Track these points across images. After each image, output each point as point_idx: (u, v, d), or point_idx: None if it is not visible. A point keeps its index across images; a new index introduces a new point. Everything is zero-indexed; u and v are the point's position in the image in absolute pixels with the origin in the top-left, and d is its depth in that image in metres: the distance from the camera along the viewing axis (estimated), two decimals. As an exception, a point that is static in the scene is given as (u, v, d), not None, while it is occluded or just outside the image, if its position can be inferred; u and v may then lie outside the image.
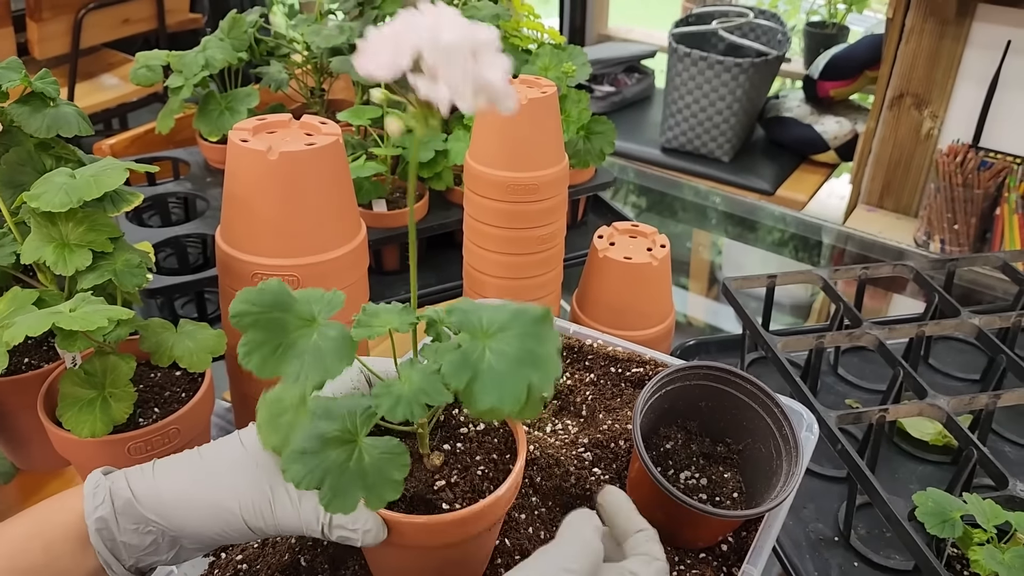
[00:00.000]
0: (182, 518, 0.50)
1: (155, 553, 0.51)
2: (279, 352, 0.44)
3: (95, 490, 0.50)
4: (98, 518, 0.49)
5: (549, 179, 0.87)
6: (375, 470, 0.45)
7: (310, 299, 0.48)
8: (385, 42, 0.40)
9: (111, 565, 0.50)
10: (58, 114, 0.74)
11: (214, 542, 0.52)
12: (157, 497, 0.50)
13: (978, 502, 0.64)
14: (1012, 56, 1.77)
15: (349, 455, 0.45)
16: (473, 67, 0.40)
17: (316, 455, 0.44)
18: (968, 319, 0.90)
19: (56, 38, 2.24)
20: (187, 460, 0.53)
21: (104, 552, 0.49)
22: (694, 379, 0.65)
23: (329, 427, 0.46)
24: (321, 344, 0.45)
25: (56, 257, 0.65)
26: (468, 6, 1.18)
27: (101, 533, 0.49)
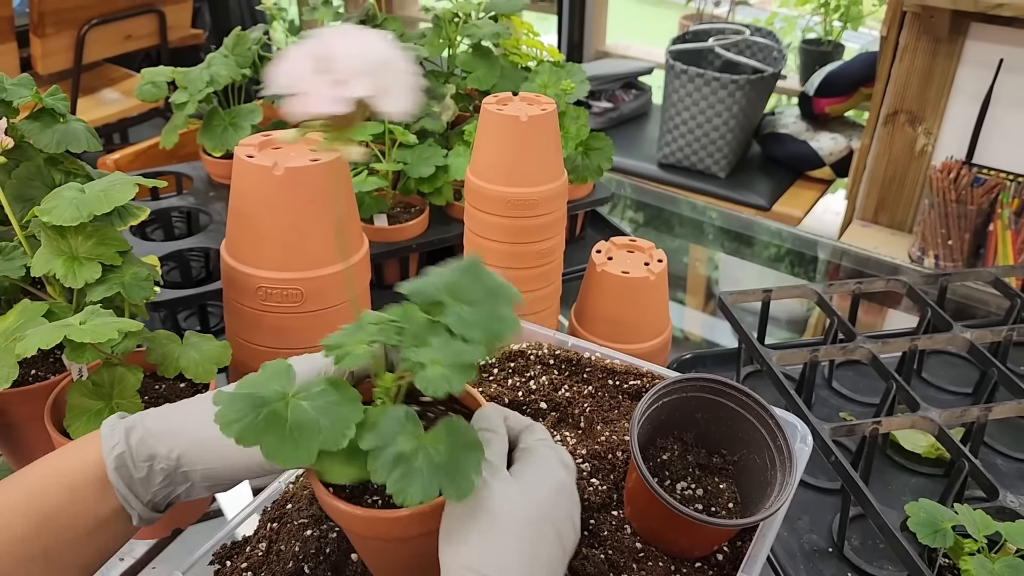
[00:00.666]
0: (195, 454, 0.52)
1: (169, 488, 0.53)
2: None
3: (111, 431, 0.52)
4: (116, 456, 0.51)
5: (548, 194, 0.89)
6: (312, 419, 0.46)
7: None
8: (318, 78, 0.40)
9: (129, 501, 0.52)
10: (68, 130, 0.76)
11: (223, 480, 0.54)
12: (171, 434, 0.53)
13: (969, 513, 0.65)
14: (1004, 74, 1.79)
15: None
16: (409, 76, 0.42)
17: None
18: (960, 333, 0.92)
19: (59, 53, 2.27)
20: (200, 400, 0.55)
21: (123, 488, 0.51)
22: (690, 391, 0.67)
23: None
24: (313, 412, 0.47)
25: (66, 270, 0.67)
26: (469, 24, 1.20)
27: (119, 471, 0.51)
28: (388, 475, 0.45)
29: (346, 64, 0.41)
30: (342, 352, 0.47)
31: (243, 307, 0.79)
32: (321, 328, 0.79)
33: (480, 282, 0.52)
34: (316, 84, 0.41)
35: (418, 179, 1.11)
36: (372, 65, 0.41)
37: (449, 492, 0.46)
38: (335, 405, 0.47)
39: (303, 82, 0.41)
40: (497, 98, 0.90)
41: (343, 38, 0.42)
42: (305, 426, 0.45)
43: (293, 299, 0.78)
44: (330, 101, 0.40)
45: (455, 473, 0.47)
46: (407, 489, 0.45)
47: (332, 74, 0.41)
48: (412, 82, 0.43)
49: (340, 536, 0.62)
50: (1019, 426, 0.97)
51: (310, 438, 0.45)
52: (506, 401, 0.75)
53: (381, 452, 0.46)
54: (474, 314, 0.50)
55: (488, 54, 1.22)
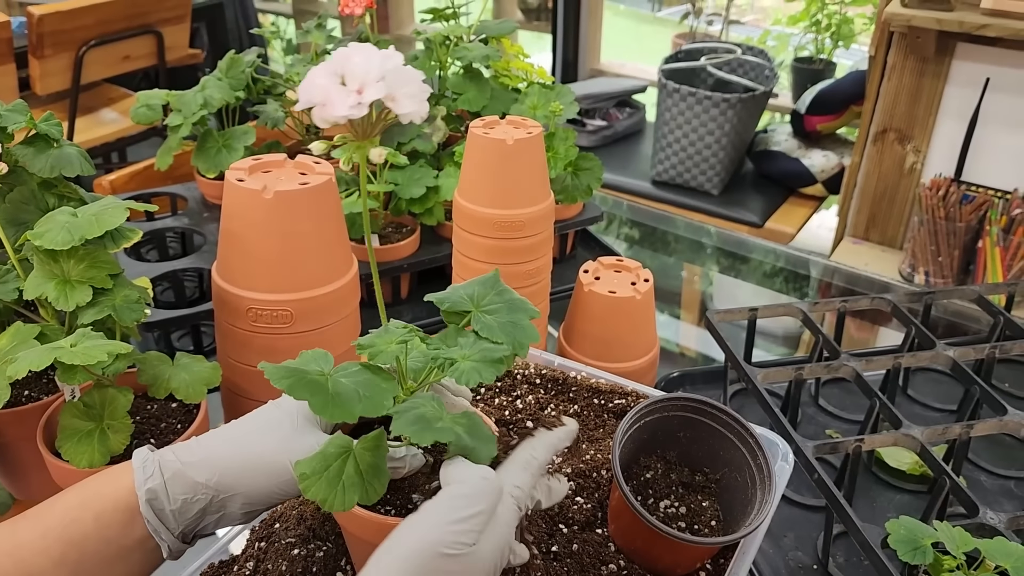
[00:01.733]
0: (236, 478, 0.54)
1: (201, 518, 0.54)
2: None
3: (144, 464, 0.54)
4: (148, 489, 0.53)
5: (535, 216, 0.90)
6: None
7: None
8: (338, 89, 0.46)
9: (160, 533, 0.53)
10: (61, 155, 0.77)
11: (266, 501, 0.55)
12: (208, 462, 0.54)
13: (948, 530, 0.66)
14: (991, 93, 1.81)
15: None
16: (418, 82, 0.48)
17: None
18: (943, 351, 0.93)
19: (57, 74, 2.29)
20: (230, 428, 0.57)
21: (153, 520, 0.53)
22: (672, 410, 0.68)
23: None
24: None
25: (58, 293, 0.68)
26: (460, 47, 1.22)
27: (152, 503, 0.53)
28: (409, 427, 0.49)
29: (361, 73, 0.46)
30: (375, 351, 0.52)
31: (234, 328, 0.80)
32: (312, 348, 0.81)
33: (500, 295, 0.58)
34: (337, 94, 0.46)
35: (409, 200, 1.12)
36: (383, 72, 0.46)
37: (471, 451, 0.50)
38: (372, 382, 0.51)
39: (326, 94, 0.46)
40: (484, 121, 0.92)
41: (356, 53, 0.47)
42: (345, 394, 0.49)
43: (283, 320, 0.79)
44: (350, 107, 0.46)
45: (474, 441, 0.51)
46: (423, 434, 0.48)
47: (350, 84, 0.46)
48: (420, 87, 0.48)
49: (326, 556, 0.63)
50: (1004, 443, 0.98)
51: (352, 402, 0.49)
52: (493, 420, 0.76)
53: (406, 413, 0.50)
54: (496, 322, 0.55)
55: (479, 76, 1.24)
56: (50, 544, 0.51)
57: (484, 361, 0.51)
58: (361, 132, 0.49)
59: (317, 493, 0.47)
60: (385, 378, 0.51)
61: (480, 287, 0.58)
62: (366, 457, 0.49)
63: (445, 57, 1.24)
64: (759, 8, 4.43)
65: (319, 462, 0.48)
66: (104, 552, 0.52)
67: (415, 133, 1.16)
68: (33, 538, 0.51)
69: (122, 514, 0.52)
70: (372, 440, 0.50)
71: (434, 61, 1.24)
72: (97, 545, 0.52)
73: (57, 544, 0.51)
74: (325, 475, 0.48)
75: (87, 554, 0.51)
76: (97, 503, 0.53)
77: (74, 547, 0.51)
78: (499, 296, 0.58)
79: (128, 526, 0.53)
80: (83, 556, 0.51)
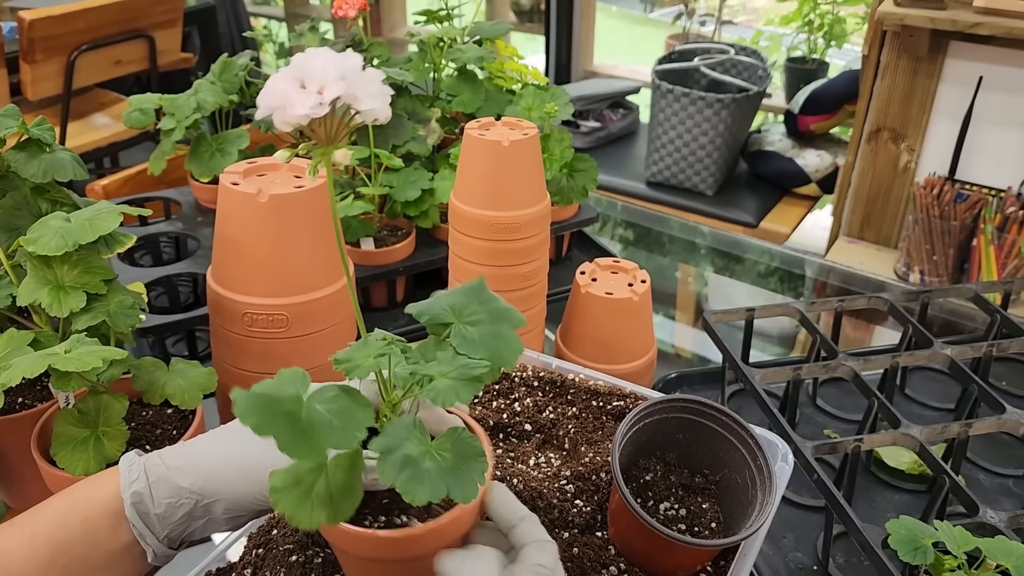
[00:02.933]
0: (219, 483, 0.53)
1: (187, 524, 0.54)
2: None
3: (130, 467, 0.54)
4: (133, 492, 0.52)
5: (531, 218, 0.90)
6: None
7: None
8: (298, 91, 0.46)
9: (144, 537, 0.53)
10: (54, 159, 0.76)
11: (249, 508, 0.55)
12: (193, 467, 0.54)
13: (948, 529, 0.66)
14: (984, 92, 1.82)
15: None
16: (378, 82, 0.47)
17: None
18: (941, 350, 0.93)
19: (49, 79, 2.28)
20: (217, 434, 0.56)
21: (139, 524, 0.53)
22: (671, 412, 0.67)
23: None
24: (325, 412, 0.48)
25: (51, 299, 0.67)
26: (454, 49, 1.22)
27: (136, 507, 0.52)
28: (397, 476, 0.47)
29: (319, 73, 0.46)
30: (351, 365, 0.50)
31: (229, 333, 0.80)
32: (308, 353, 0.81)
33: (484, 305, 0.55)
34: (297, 95, 0.45)
35: (404, 202, 1.12)
36: (342, 71, 0.46)
37: (456, 494, 0.47)
38: (347, 409, 0.48)
39: (285, 97, 0.45)
40: (480, 123, 0.91)
41: (314, 56, 0.46)
42: (318, 425, 0.47)
43: (279, 324, 0.78)
44: (311, 107, 0.45)
45: (461, 477, 0.48)
46: (416, 489, 0.46)
47: (310, 86, 0.46)
48: (381, 87, 0.48)
49: (325, 562, 0.62)
50: (1002, 442, 0.98)
51: (322, 436, 0.46)
52: (491, 423, 0.76)
53: (390, 455, 0.48)
54: (478, 334, 0.52)
55: (473, 78, 1.23)
56: (38, 549, 0.51)
57: (462, 379, 0.49)
58: (325, 136, 0.48)
59: (285, 508, 0.46)
60: (361, 404, 0.49)
61: (463, 296, 0.56)
62: (338, 476, 0.48)
63: (439, 59, 1.23)
64: (752, 9, 4.44)
65: (291, 476, 0.47)
66: (92, 557, 0.52)
67: (410, 136, 1.16)
68: (20, 543, 0.51)
69: (109, 518, 0.52)
70: (347, 458, 0.49)
71: (428, 63, 1.24)
72: (84, 549, 0.52)
73: (45, 549, 0.51)
74: (295, 490, 0.47)
75: (75, 559, 0.51)
76: (84, 507, 0.53)
77: (62, 552, 0.51)
78: (483, 306, 0.55)
79: (115, 530, 0.52)
80: (71, 561, 0.51)
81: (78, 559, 0.51)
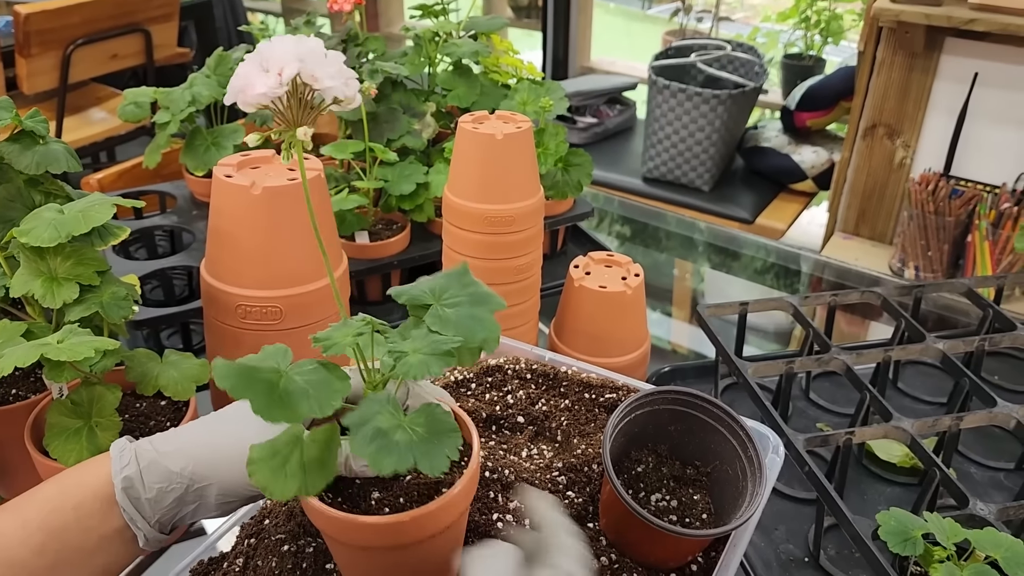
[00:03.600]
0: (210, 468, 0.54)
1: (177, 508, 0.54)
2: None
3: (121, 453, 0.54)
4: (124, 477, 0.53)
5: (525, 211, 0.90)
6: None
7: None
8: (258, 73, 0.48)
9: (135, 521, 0.53)
10: (48, 151, 0.76)
11: (240, 493, 0.55)
12: (184, 452, 0.54)
13: (938, 521, 0.66)
14: (979, 88, 1.82)
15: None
16: (338, 62, 0.50)
17: None
18: (933, 344, 0.93)
19: (44, 73, 2.27)
20: (208, 419, 0.57)
21: (130, 509, 0.53)
22: (662, 404, 0.68)
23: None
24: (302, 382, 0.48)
25: (45, 290, 0.67)
26: (449, 43, 1.22)
27: (127, 492, 0.53)
28: (367, 447, 0.47)
29: (279, 55, 0.48)
30: (329, 343, 0.51)
31: (223, 325, 0.80)
32: (302, 345, 0.80)
33: (465, 288, 0.56)
34: (257, 77, 0.48)
35: (399, 196, 1.12)
36: (300, 53, 0.48)
37: (424, 466, 0.48)
38: (324, 380, 0.49)
39: (247, 79, 0.48)
40: (473, 116, 0.92)
41: (276, 42, 0.49)
42: (293, 393, 0.48)
43: (272, 317, 0.78)
44: (269, 86, 0.48)
45: (432, 450, 0.48)
46: (383, 460, 0.47)
47: (271, 68, 0.48)
48: (341, 67, 0.50)
49: (317, 551, 0.63)
50: (993, 435, 0.98)
51: (298, 402, 0.47)
52: (484, 415, 0.76)
53: (361, 428, 0.48)
54: (455, 315, 0.54)
55: (468, 72, 1.23)
56: (30, 534, 0.51)
57: (433, 354, 0.50)
58: (291, 119, 0.50)
59: (260, 479, 0.47)
60: (339, 376, 0.50)
61: (445, 280, 0.57)
62: (312, 450, 0.49)
63: (434, 53, 1.23)
64: (749, 5, 4.44)
65: (268, 449, 0.48)
66: (84, 542, 0.52)
67: (405, 130, 1.16)
68: (13, 528, 0.51)
69: (100, 503, 0.53)
70: (322, 433, 0.50)
71: (423, 57, 1.24)
72: (77, 534, 0.52)
73: (37, 534, 0.51)
74: (271, 462, 0.48)
75: (67, 544, 0.52)
76: (76, 492, 0.53)
77: (54, 537, 0.51)
78: (464, 289, 0.56)
79: (106, 515, 0.53)
80: (63, 546, 0.51)
81: (71, 544, 0.52)
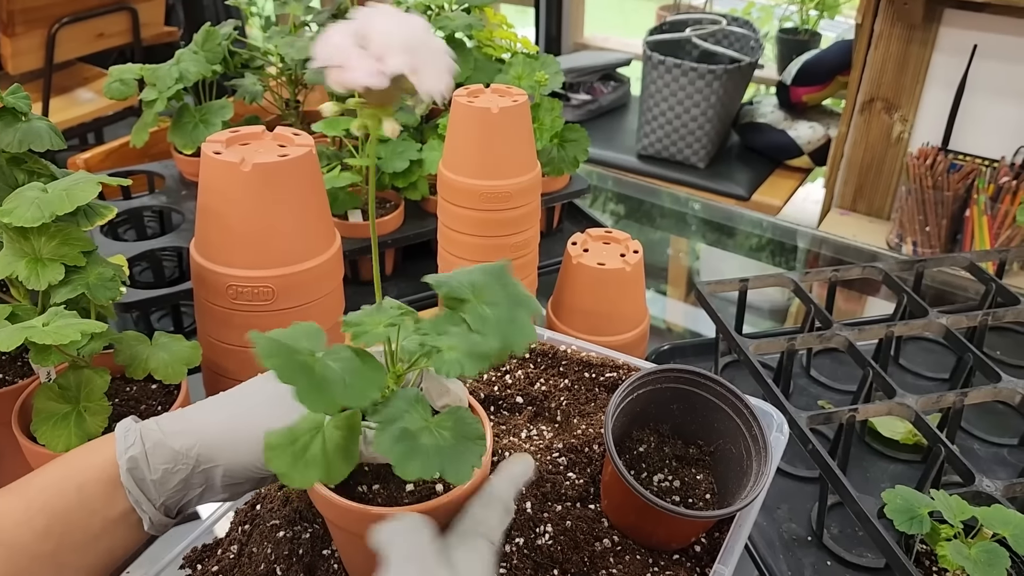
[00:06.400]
0: (217, 449, 0.53)
1: (184, 491, 0.53)
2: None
3: (126, 433, 0.53)
4: (129, 458, 0.52)
5: (521, 187, 0.88)
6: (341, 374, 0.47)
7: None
8: (358, 53, 0.43)
9: (141, 504, 0.52)
10: (30, 129, 0.74)
11: (248, 475, 0.54)
12: (190, 431, 0.53)
13: (945, 498, 0.65)
14: (978, 60, 1.80)
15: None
16: (444, 56, 0.44)
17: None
18: (936, 319, 0.92)
19: (29, 53, 2.23)
20: (217, 399, 0.55)
21: (135, 491, 0.52)
22: (664, 382, 0.66)
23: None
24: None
25: (29, 272, 0.65)
26: (441, 16, 1.19)
27: (132, 473, 0.52)
28: (392, 448, 0.46)
29: (383, 40, 0.43)
30: (361, 329, 0.48)
31: (214, 306, 0.78)
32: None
33: (504, 288, 0.53)
34: (356, 58, 0.43)
35: (392, 174, 1.10)
36: (408, 43, 0.43)
37: (449, 474, 0.46)
38: (359, 370, 0.47)
39: (344, 56, 0.43)
40: (468, 90, 0.89)
41: (383, 16, 0.44)
42: (332, 381, 0.46)
43: (264, 297, 0.77)
44: (368, 75, 0.42)
45: (458, 458, 0.47)
46: (409, 463, 0.45)
47: (371, 49, 0.43)
48: (447, 63, 0.45)
49: (313, 537, 0.61)
50: (997, 411, 0.97)
51: (336, 392, 0.45)
52: (482, 396, 0.75)
53: (388, 426, 0.47)
54: (494, 316, 0.51)
55: (461, 46, 1.21)
56: (33, 516, 0.50)
57: (470, 355, 0.48)
58: (378, 100, 0.45)
59: (279, 466, 0.45)
60: (374, 367, 0.48)
61: (483, 275, 0.54)
62: (335, 436, 0.47)
63: (427, 27, 1.21)
64: (743, -20, 4.39)
65: (287, 435, 0.47)
66: (88, 524, 0.51)
67: (397, 105, 1.13)
68: (16, 510, 0.50)
69: (105, 485, 0.51)
70: (345, 419, 0.48)
71: (415, 32, 1.21)
72: (81, 517, 0.51)
73: (40, 516, 0.50)
74: (290, 449, 0.46)
75: (72, 526, 0.50)
76: (80, 475, 0.52)
77: (58, 519, 0.50)
78: (503, 289, 0.53)
79: (111, 498, 0.51)
80: (67, 528, 0.50)
81: (75, 526, 0.50)
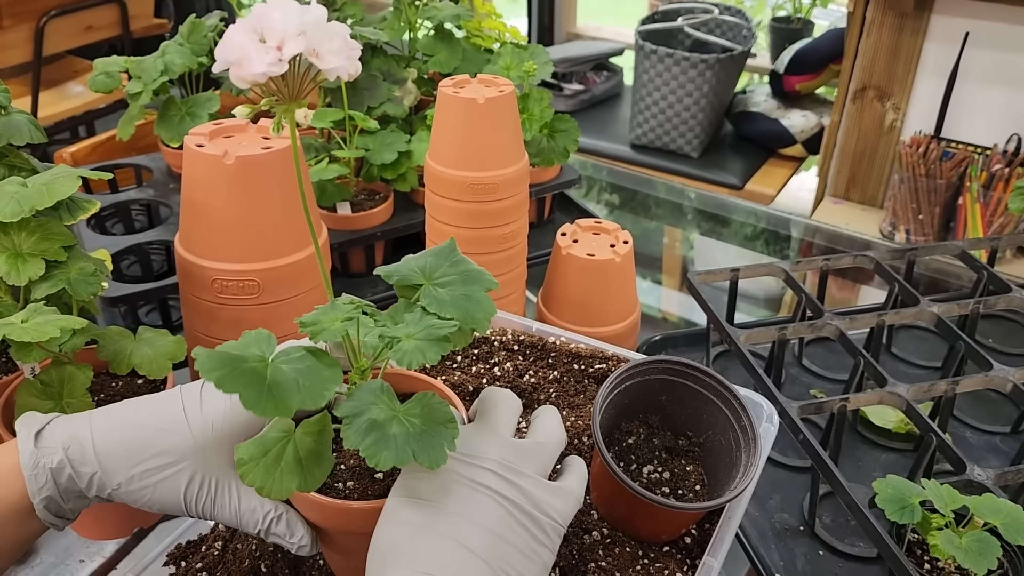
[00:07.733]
0: (123, 489, 0.52)
1: (96, 500, 0.53)
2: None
3: (35, 472, 0.51)
4: (44, 498, 0.51)
5: (509, 178, 0.87)
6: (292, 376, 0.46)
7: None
8: (256, 46, 0.43)
9: (58, 525, 0.52)
10: (9, 122, 0.73)
11: (144, 483, 0.53)
12: (99, 468, 0.52)
13: (936, 487, 0.65)
14: (970, 48, 1.79)
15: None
16: (343, 36, 0.45)
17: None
18: (927, 307, 0.92)
19: (18, 46, 2.22)
20: (131, 428, 0.53)
21: (51, 519, 0.51)
22: (653, 374, 0.66)
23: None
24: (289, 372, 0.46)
25: (9, 267, 0.64)
26: (429, 7, 1.18)
27: (48, 507, 0.51)
28: (362, 440, 0.45)
29: (280, 28, 0.43)
30: (317, 328, 0.48)
31: (199, 300, 0.77)
32: (280, 319, 0.78)
33: (455, 266, 0.54)
34: (255, 51, 0.43)
35: (381, 165, 1.09)
36: (303, 25, 0.43)
37: (422, 459, 0.45)
38: (313, 369, 0.46)
39: (243, 51, 0.43)
40: (454, 80, 0.88)
41: (275, 8, 0.44)
42: (284, 384, 0.45)
43: (250, 291, 0.76)
44: (268, 64, 0.43)
45: (429, 443, 0.46)
46: (380, 454, 0.45)
47: (269, 40, 0.43)
48: (346, 41, 0.45)
49: (299, 532, 0.61)
50: (989, 399, 0.97)
51: (289, 395, 0.44)
52: (471, 388, 0.74)
53: (355, 419, 0.46)
54: (449, 295, 0.51)
55: (450, 37, 1.20)
56: None
57: (429, 340, 0.47)
58: (287, 93, 0.45)
59: (254, 479, 0.45)
60: (329, 364, 0.47)
61: (433, 258, 0.54)
62: (306, 443, 0.46)
63: (415, 18, 1.20)
64: (736, -32, 4.38)
65: (258, 447, 0.46)
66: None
67: (385, 97, 1.12)
68: None
69: (17, 513, 0.51)
70: (314, 424, 0.47)
71: (403, 22, 1.20)
72: None
73: None
74: (263, 461, 0.45)
75: None
76: None
77: None
78: (453, 267, 0.54)
79: (25, 522, 0.51)
80: None
81: None
